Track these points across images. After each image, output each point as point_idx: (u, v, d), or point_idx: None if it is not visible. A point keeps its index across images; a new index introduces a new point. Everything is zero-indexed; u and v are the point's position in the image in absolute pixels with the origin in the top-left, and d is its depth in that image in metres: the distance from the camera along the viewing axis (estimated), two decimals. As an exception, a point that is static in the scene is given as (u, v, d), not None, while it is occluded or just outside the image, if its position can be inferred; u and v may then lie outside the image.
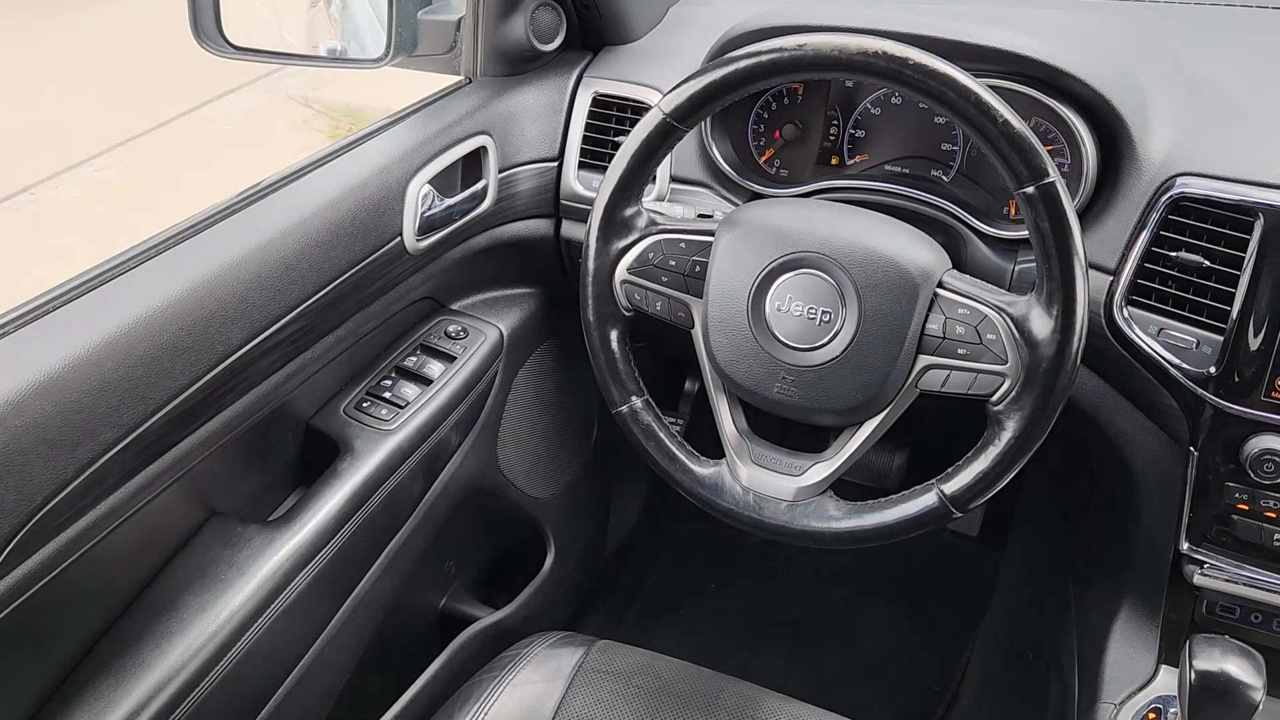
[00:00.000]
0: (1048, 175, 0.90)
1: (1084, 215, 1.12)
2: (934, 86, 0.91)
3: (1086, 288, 0.91)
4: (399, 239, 1.20)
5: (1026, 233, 1.15)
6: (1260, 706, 0.92)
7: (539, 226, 1.41)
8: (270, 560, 1.07)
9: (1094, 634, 1.23)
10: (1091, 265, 1.10)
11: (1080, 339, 0.92)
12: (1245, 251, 1.01)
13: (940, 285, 0.97)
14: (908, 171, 1.26)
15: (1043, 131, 1.16)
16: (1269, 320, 1.00)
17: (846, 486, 1.06)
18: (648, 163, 1.04)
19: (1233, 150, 1.05)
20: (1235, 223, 1.02)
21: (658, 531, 2.06)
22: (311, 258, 1.08)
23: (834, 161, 1.30)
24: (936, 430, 1.65)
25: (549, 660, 1.18)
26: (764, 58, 0.96)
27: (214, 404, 1.00)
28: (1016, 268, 1.15)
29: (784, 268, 1.01)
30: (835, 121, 1.29)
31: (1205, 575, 1.10)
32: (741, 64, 0.97)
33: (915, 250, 0.99)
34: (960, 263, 1.20)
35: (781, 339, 1.01)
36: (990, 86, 1.13)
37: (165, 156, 5.02)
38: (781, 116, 1.31)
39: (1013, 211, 1.20)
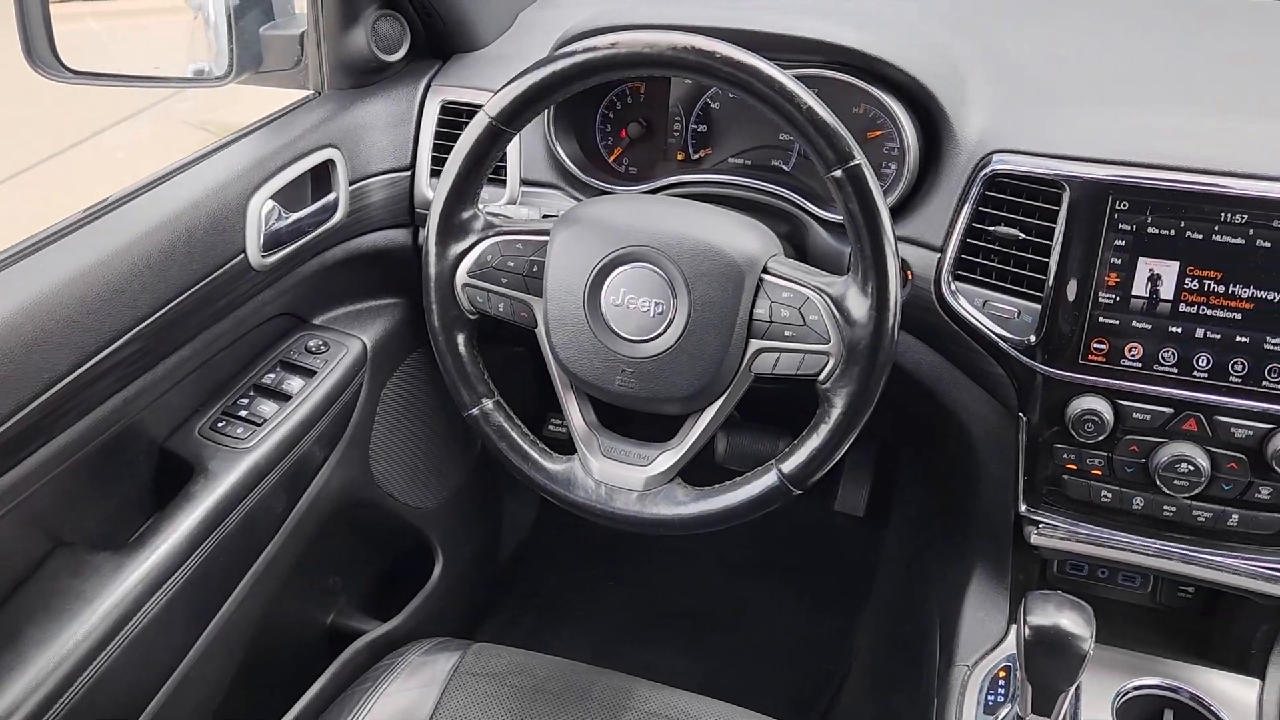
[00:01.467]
0: (853, 159, 0.93)
1: (911, 195, 1.16)
2: (742, 78, 0.94)
3: (897, 266, 0.95)
4: (242, 255, 1.19)
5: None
6: (1089, 655, 0.96)
7: (396, 236, 1.41)
8: (118, 588, 1.06)
9: (951, 600, 1.27)
10: (920, 243, 1.15)
11: (895, 315, 0.95)
12: (1056, 222, 1.05)
13: (765, 271, 1.00)
14: (751, 163, 1.30)
15: (871, 117, 1.20)
16: (1079, 287, 1.04)
17: (734, 474, 1.09)
18: (479, 167, 1.05)
19: (1042, 126, 1.10)
20: (1046, 195, 1.06)
21: (555, 533, 2.07)
22: (144, 278, 1.07)
23: (680, 157, 1.33)
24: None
25: (424, 667, 1.18)
26: (578, 59, 0.98)
27: (43, 431, 0.99)
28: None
29: (617, 262, 1.02)
30: (679, 118, 1.32)
31: (1041, 535, 1.14)
32: (558, 65, 0.99)
33: (740, 239, 1.01)
34: (804, 248, 1.24)
35: (619, 332, 1.03)
36: (813, 76, 1.18)
37: (58, 189, 4.89)
38: (626, 115, 1.33)
39: None
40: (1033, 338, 1.07)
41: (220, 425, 1.25)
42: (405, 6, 1.36)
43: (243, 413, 1.27)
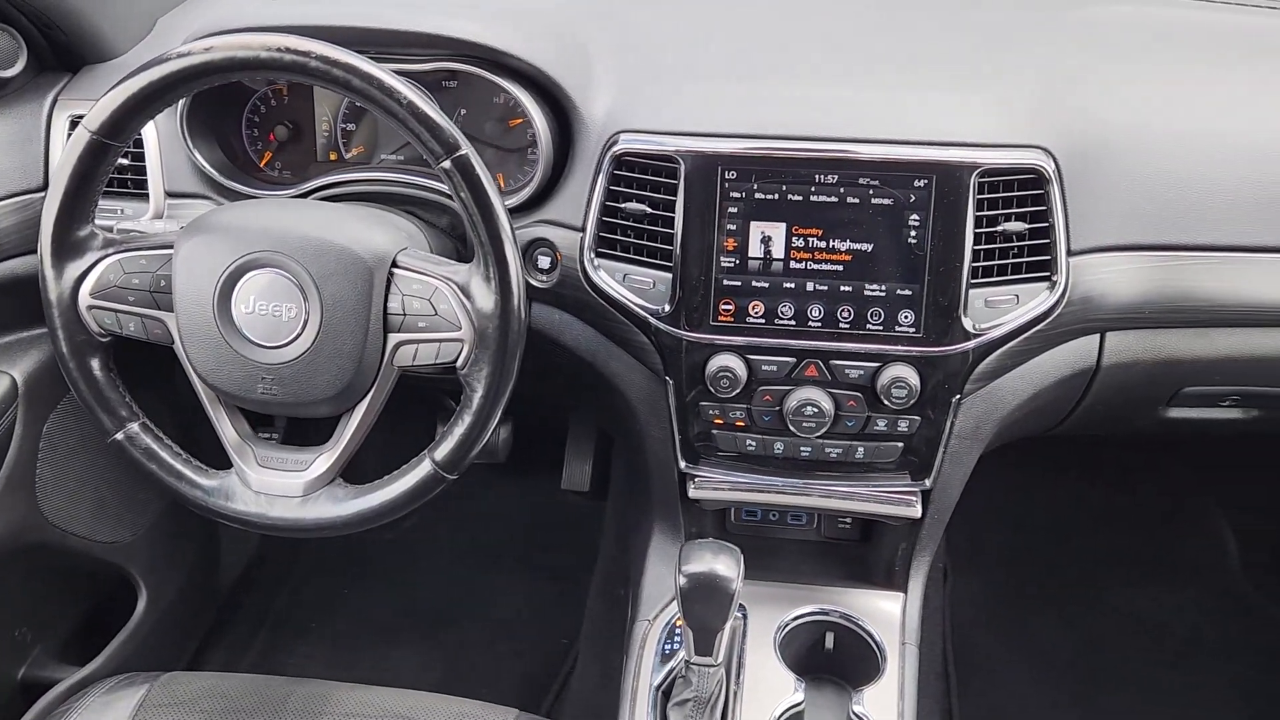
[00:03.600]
0: (459, 149, 0.96)
1: (553, 179, 1.20)
2: (340, 76, 0.94)
3: (516, 250, 0.98)
4: None
5: (512, 202, 1.22)
6: (737, 592, 1.04)
7: (34, 262, 1.33)
8: None
9: (638, 559, 1.33)
10: (563, 224, 1.19)
11: (519, 297, 0.99)
12: (676, 195, 1.12)
13: (395, 265, 1.02)
14: (404, 158, 1.30)
15: (512, 106, 1.24)
16: (703, 254, 1.12)
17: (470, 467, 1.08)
18: (88, 184, 1.01)
19: (661, 105, 1.16)
20: (666, 170, 1.13)
21: (286, 548, 2.02)
22: None
23: (334, 157, 1.32)
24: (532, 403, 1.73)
25: (106, 707, 1.13)
26: (171, 66, 0.96)
27: None
28: None
29: (243, 269, 1.01)
30: (326, 118, 1.31)
31: (698, 488, 1.22)
32: (153, 73, 0.96)
33: (366, 235, 1.02)
34: (466, 237, 1.26)
35: (254, 340, 1.02)
36: (442, 70, 1.20)
37: None
38: (272, 118, 1.31)
39: (501, 184, 1.27)
40: (668, 306, 1.14)
41: None
42: (17, 19, 1.28)
43: None
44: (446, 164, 0.96)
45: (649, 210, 1.14)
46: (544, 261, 1.20)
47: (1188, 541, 2.05)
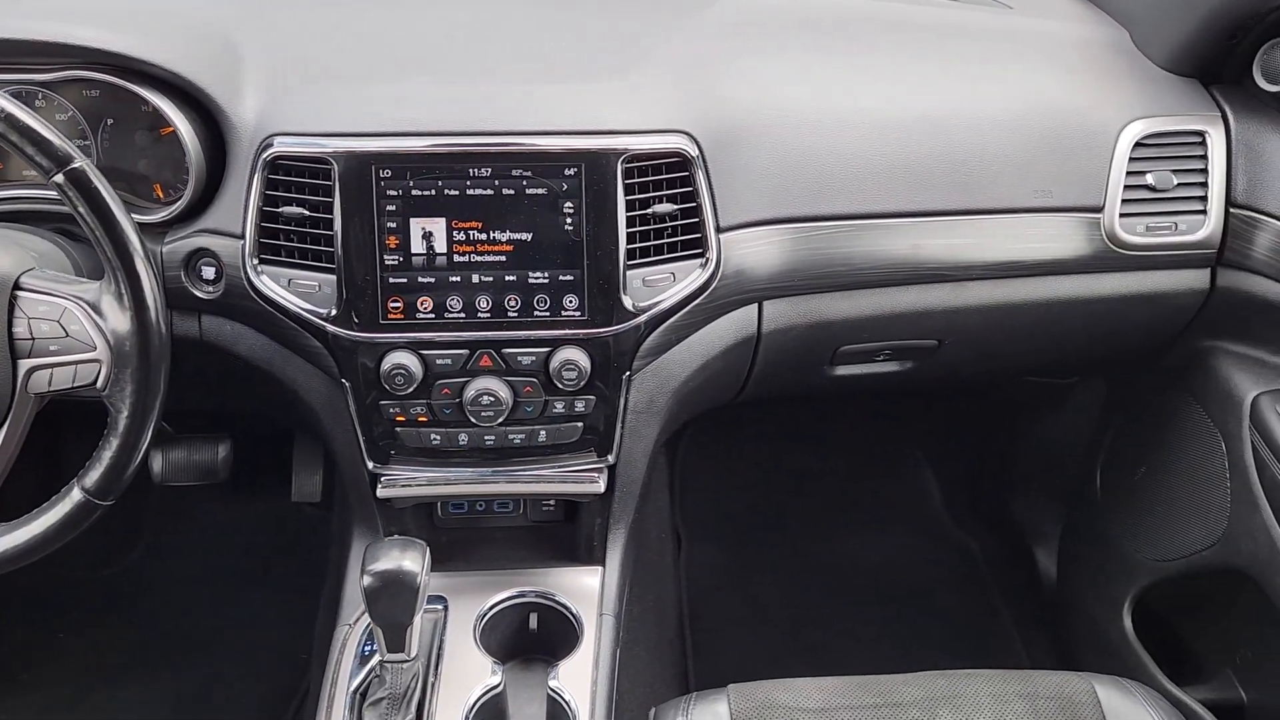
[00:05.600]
0: (71, 161, 0.92)
1: (209, 187, 1.17)
2: None
3: (147, 260, 0.96)
4: None
5: (169, 213, 1.18)
6: (423, 586, 1.05)
7: None
8: None
9: (339, 565, 1.32)
10: (223, 232, 1.16)
11: (156, 311, 0.96)
12: (333, 196, 1.11)
13: (18, 287, 0.96)
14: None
15: (161, 114, 1.19)
16: (365, 254, 1.12)
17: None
18: None
19: (312, 106, 1.15)
20: (321, 172, 1.12)
21: None
22: None
23: None
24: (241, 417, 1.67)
25: None
26: None
27: None
28: (164, 248, 1.17)
29: None
30: None
31: (386, 487, 1.22)
32: None
33: None
34: None
35: None
36: (74, 79, 1.14)
37: None
38: None
39: (160, 194, 1.22)
40: (335, 308, 1.13)
41: None
42: None
43: None
44: (59, 178, 0.92)
45: (308, 213, 1.13)
46: (208, 272, 1.17)
47: (897, 488, 2.23)
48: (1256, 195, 1.29)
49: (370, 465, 1.22)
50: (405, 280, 1.13)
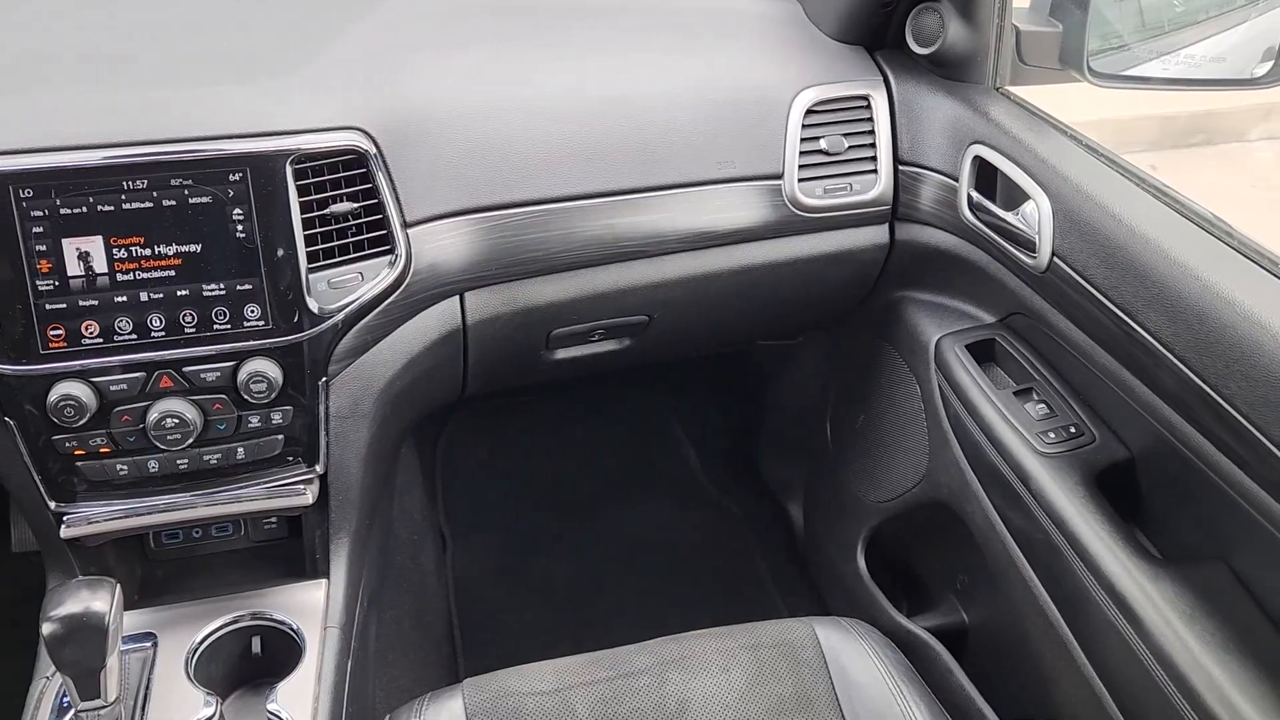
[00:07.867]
0: None
1: None
2: None
3: None
4: None
5: None
6: (111, 628, 0.98)
7: None
8: None
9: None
10: None
11: None
12: None
13: None
14: None
15: None
16: (14, 281, 1.03)
17: None
18: None
19: None
20: None
21: None
22: None
23: None
24: None
25: None
26: None
27: None
28: None
29: None
30: None
31: (71, 527, 1.14)
32: None
33: None
34: None
35: None
36: None
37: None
38: None
39: None
40: None
41: None
42: None
43: None
44: None
45: None
46: None
47: (659, 460, 2.28)
48: (918, 151, 1.38)
49: (53, 505, 1.14)
50: (65, 305, 1.06)
